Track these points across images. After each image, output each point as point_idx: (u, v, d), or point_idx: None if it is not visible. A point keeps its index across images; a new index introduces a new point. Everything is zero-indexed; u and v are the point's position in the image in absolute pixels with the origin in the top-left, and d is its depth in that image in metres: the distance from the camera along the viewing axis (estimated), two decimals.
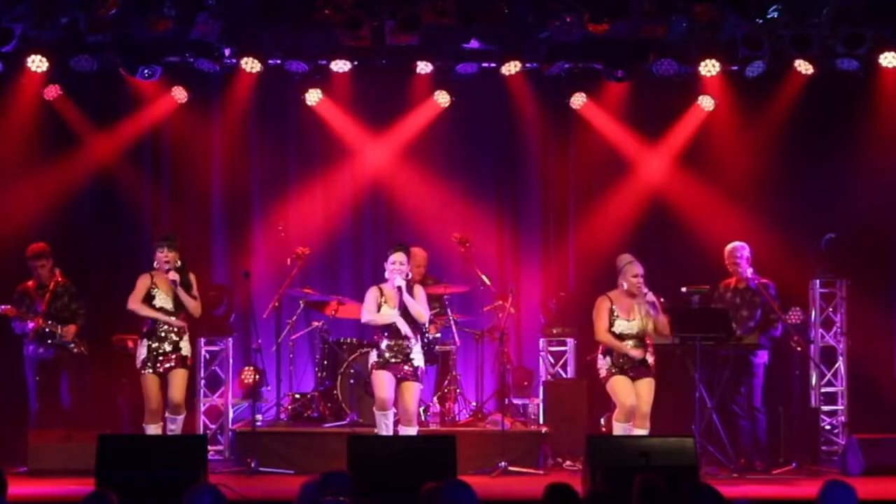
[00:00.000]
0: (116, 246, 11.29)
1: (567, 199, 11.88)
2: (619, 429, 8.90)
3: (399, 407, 8.98)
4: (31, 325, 9.88)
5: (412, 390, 8.94)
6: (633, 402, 8.90)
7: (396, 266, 8.91)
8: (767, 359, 10.07)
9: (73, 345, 10.04)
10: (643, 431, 8.86)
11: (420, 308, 9.00)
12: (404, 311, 8.95)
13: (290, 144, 11.85)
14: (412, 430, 8.94)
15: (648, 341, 9.08)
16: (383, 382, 8.95)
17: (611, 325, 8.99)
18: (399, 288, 8.91)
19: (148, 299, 9.09)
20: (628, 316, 8.99)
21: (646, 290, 8.98)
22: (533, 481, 9.04)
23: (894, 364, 10.93)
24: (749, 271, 9.93)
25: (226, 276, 11.44)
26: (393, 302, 8.97)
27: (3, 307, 9.85)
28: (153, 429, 9.04)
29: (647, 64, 10.61)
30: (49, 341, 9.98)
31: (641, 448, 7.49)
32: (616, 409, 9.02)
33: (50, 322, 9.93)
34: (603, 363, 9.06)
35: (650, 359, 9.03)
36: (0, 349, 10.30)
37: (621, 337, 8.97)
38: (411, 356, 8.96)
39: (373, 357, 9.08)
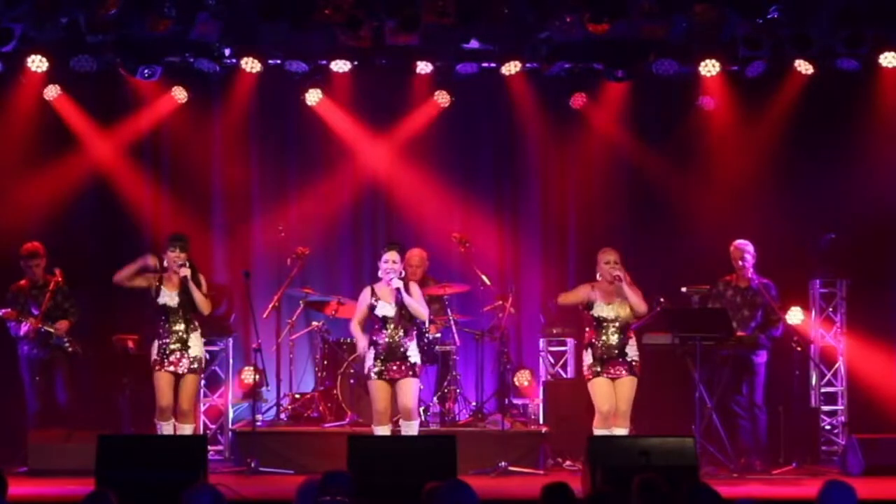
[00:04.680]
0: (116, 246, 11.28)
1: (567, 199, 11.88)
2: (598, 434, 8.88)
3: (398, 404, 8.96)
4: (24, 327, 9.87)
5: (408, 387, 8.87)
6: (609, 407, 8.93)
7: (389, 265, 8.89)
8: (767, 358, 10.07)
9: (67, 343, 10.03)
10: (623, 430, 8.86)
11: (418, 307, 8.97)
12: (402, 311, 8.93)
13: (290, 144, 11.86)
14: (413, 425, 8.90)
15: (631, 334, 9.08)
16: (378, 394, 8.90)
17: (590, 308, 9.05)
18: (398, 289, 8.88)
19: (154, 296, 9.09)
20: (607, 300, 9.02)
21: (619, 273, 8.98)
22: (533, 481, 9.03)
23: (894, 364, 10.92)
24: (751, 271, 9.92)
25: (226, 276, 11.44)
26: (388, 300, 8.95)
27: (2, 311, 9.84)
28: (165, 426, 9.00)
29: (647, 64, 10.61)
30: (48, 342, 9.97)
31: (641, 448, 7.50)
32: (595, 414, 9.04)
33: (47, 322, 9.93)
34: (586, 358, 9.10)
35: (631, 351, 9.01)
36: (3, 349, 10.30)
37: (601, 321, 9.00)
38: (407, 353, 8.92)
39: (369, 360, 8.95)
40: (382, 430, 8.88)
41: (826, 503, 5.51)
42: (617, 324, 9.00)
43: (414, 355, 8.96)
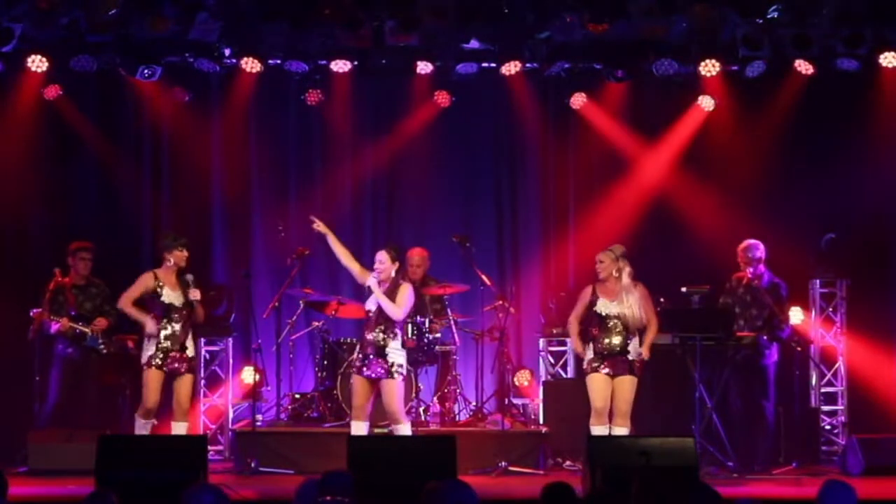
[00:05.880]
0: (116, 246, 11.28)
1: (567, 199, 11.89)
2: (595, 431, 8.88)
3: (385, 408, 8.96)
4: (55, 325, 9.86)
5: (387, 389, 8.79)
6: (603, 403, 8.95)
7: (376, 265, 8.91)
8: (777, 357, 10.04)
9: (101, 345, 10.02)
10: (623, 430, 8.86)
11: (390, 306, 8.83)
12: (380, 310, 8.91)
13: (290, 144, 11.85)
14: (404, 429, 8.85)
15: (634, 333, 9.07)
16: (354, 389, 8.95)
17: (593, 305, 9.05)
18: (369, 287, 8.87)
19: (154, 296, 9.11)
20: (610, 298, 9.03)
21: (606, 274, 9.04)
22: (533, 481, 9.04)
23: (894, 364, 10.92)
24: (757, 270, 9.91)
25: (226, 276, 11.44)
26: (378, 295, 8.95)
27: (35, 310, 9.82)
28: (143, 424, 9.04)
29: (647, 64, 10.61)
30: (82, 343, 9.96)
31: (641, 448, 7.50)
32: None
33: (81, 324, 9.93)
34: (587, 353, 9.10)
35: (633, 350, 9.00)
36: (3, 349, 10.30)
37: (604, 318, 8.99)
38: (385, 351, 8.83)
39: (356, 353, 9.10)
40: (358, 427, 8.82)
41: (826, 503, 5.51)
42: (620, 321, 8.99)
43: (394, 356, 8.82)
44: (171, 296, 9.10)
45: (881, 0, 10.17)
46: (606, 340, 9.00)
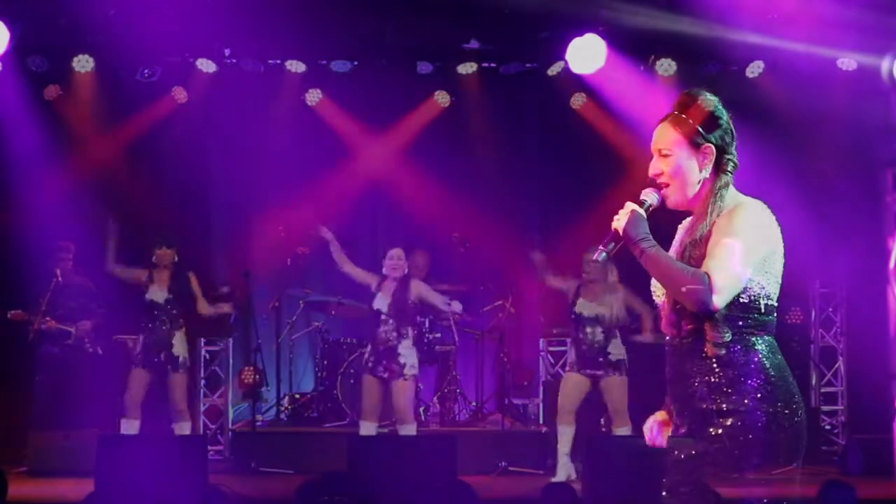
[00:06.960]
0: (116, 246, 11.28)
1: (567, 199, 11.89)
2: (559, 430, 8.96)
3: (392, 407, 8.97)
4: (45, 325, 9.88)
5: (399, 389, 8.84)
6: (567, 403, 9.00)
7: (394, 262, 8.94)
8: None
9: (87, 343, 10.03)
10: (624, 430, 8.89)
11: (441, 302, 9.12)
12: (395, 307, 8.93)
13: (290, 145, 11.85)
14: (410, 429, 8.90)
15: (615, 334, 9.10)
16: (365, 389, 8.96)
17: (573, 303, 9.09)
18: (396, 279, 8.92)
19: (142, 291, 9.20)
20: (590, 299, 9.07)
21: (596, 276, 9.06)
22: (533, 481, 9.05)
23: (893, 364, 10.91)
24: None
25: (226, 276, 11.44)
26: (386, 295, 8.97)
27: (13, 312, 9.84)
28: (126, 424, 9.05)
29: (646, 64, 10.62)
30: (65, 342, 9.97)
31: (641, 448, 7.49)
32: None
33: (66, 323, 9.94)
34: (570, 355, 9.22)
35: (615, 350, 9.01)
36: (3, 349, 10.30)
37: (580, 318, 9.02)
38: (398, 351, 8.89)
39: (366, 354, 9.11)
40: (366, 428, 8.85)
41: (826, 503, 5.52)
42: (598, 322, 9.02)
43: (407, 356, 8.89)
44: (155, 294, 9.15)
45: (880, 1, 10.18)
46: (584, 343, 9.02)
